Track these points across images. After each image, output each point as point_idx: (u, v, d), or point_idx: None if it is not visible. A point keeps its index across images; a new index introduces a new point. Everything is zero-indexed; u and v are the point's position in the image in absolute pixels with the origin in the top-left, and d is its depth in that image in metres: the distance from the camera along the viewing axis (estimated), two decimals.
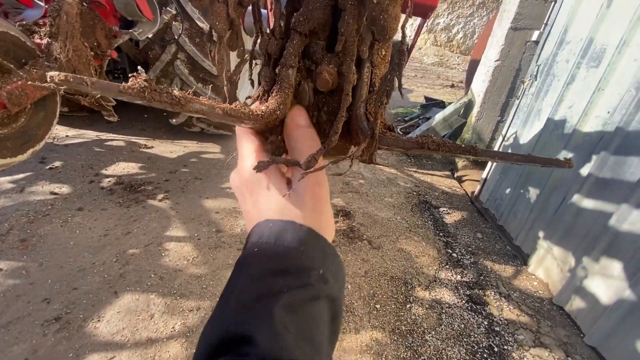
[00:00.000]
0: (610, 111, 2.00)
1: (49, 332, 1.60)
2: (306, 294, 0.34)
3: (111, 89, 0.26)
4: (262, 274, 0.34)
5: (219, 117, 0.32)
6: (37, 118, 1.77)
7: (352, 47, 0.35)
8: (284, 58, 0.37)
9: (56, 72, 0.24)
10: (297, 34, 0.37)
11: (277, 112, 0.36)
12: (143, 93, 0.27)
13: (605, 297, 1.86)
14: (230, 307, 0.33)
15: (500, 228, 2.90)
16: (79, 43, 1.51)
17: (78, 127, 3.70)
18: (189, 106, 0.30)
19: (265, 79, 0.39)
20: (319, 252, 0.37)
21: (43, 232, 2.17)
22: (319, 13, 0.35)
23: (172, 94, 0.29)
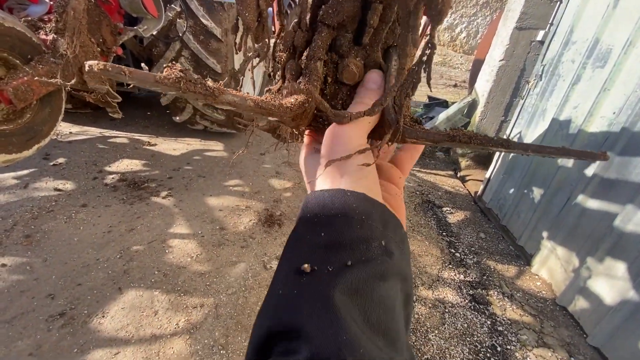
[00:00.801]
0: (616, 112, 1.99)
1: (53, 328, 1.60)
2: (370, 272, 0.28)
3: (147, 79, 0.26)
4: (310, 249, 0.29)
5: (250, 109, 0.32)
6: (42, 114, 1.77)
7: (381, 38, 0.35)
8: (312, 50, 0.37)
9: (95, 61, 0.24)
10: (325, 27, 0.37)
11: (306, 105, 0.36)
12: (178, 83, 0.27)
13: (609, 297, 1.86)
14: (275, 292, 0.28)
15: (504, 228, 2.89)
16: (86, 39, 1.52)
17: (81, 124, 3.71)
18: (222, 97, 0.30)
19: (291, 71, 0.39)
20: (377, 219, 0.31)
21: (47, 228, 2.17)
22: (349, 6, 0.35)
23: (207, 85, 0.29)
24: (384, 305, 0.28)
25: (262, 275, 2.07)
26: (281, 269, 0.30)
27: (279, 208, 2.78)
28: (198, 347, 1.61)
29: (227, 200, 2.77)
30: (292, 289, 0.27)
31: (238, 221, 2.54)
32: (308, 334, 0.24)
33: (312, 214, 0.31)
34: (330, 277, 0.27)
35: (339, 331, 0.24)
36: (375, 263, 0.28)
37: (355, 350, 0.23)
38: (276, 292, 0.28)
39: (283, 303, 0.27)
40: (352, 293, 0.26)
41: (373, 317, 0.26)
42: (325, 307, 0.25)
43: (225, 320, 1.76)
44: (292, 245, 0.30)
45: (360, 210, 0.30)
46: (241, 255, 2.21)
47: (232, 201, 2.76)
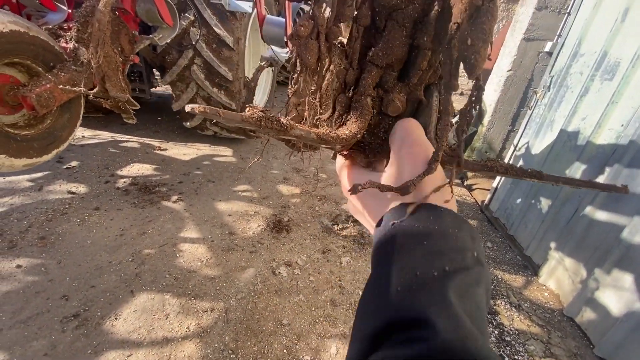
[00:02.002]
0: (624, 124, 2.01)
1: (67, 329, 1.63)
2: (470, 278, 0.31)
3: (235, 118, 0.30)
4: (418, 256, 0.32)
5: (313, 141, 0.36)
6: (62, 120, 1.83)
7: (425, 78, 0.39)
8: (362, 87, 0.41)
9: (196, 104, 0.28)
10: (374, 67, 0.41)
11: (358, 136, 0.39)
12: (260, 122, 0.31)
13: (616, 309, 1.86)
14: (391, 292, 0.31)
15: (511, 238, 2.90)
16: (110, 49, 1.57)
17: (94, 128, 3.78)
18: (292, 132, 0.33)
19: (342, 104, 0.43)
20: (466, 233, 0.34)
21: (61, 231, 2.22)
22: (399, 49, 0.39)
23: (281, 122, 0.32)
24: (480, 308, 0.31)
25: (271, 281, 2.10)
26: (390, 272, 0.32)
27: (287, 214, 2.81)
28: (208, 350, 1.63)
29: (236, 205, 2.81)
30: (408, 289, 0.30)
31: (247, 226, 2.57)
32: (435, 324, 0.27)
33: (410, 224, 0.34)
34: (440, 280, 0.30)
35: (460, 324, 0.27)
36: (473, 271, 0.32)
37: (476, 340, 0.27)
38: (392, 291, 0.31)
39: (403, 300, 0.30)
40: (460, 295, 0.30)
41: (475, 317, 0.30)
42: (445, 303, 0.29)
43: (235, 324, 1.78)
44: (396, 252, 0.33)
45: (452, 225, 0.34)
46: (250, 261, 2.23)
47: (241, 206, 2.80)
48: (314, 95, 0.44)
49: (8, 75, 1.65)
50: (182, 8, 2.95)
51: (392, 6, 0.39)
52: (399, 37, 0.39)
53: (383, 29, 0.41)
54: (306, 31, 0.39)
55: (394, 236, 0.34)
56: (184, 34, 3.03)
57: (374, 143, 0.43)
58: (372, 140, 0.43)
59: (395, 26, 0.40)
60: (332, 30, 0.40)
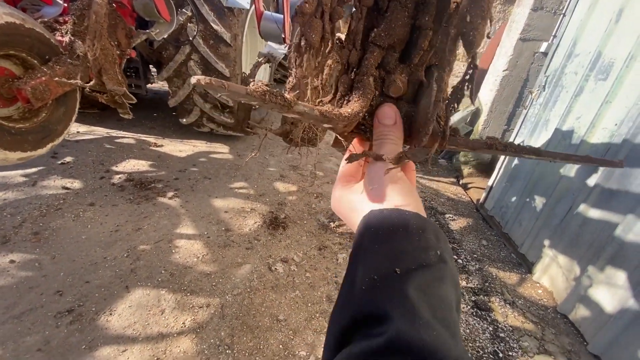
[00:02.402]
0: (618, 123, 2.03)
1: (61, 324, 1.62)
2: (432, 274, 0.34)
3: (239, 91, 0.30)
4: (382, 256, 0.34)
5: (316, 118, 0.36)
6: (57, 113, 1.81)
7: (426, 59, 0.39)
8: (365, 67, 0.41)
9: (202, 76, 0.28)
10: (377, 47, 0.41)
11: (360, 115, 0.40)
12: (264, 96, 0.31)
13: (610, 306, 1.88)
14: (357, 289, 0.33)
15: (506, 236, 2.92)
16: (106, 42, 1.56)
17: (89, 123, 3.75)
18: (295, 108, 0.33)
19: (344, 85, 0.43)
20: (431, 233, 0.36)
21: (55, 226, 2.20)
22: (401, 30, 0.40)
23: (285, 98, 0.32)
24: (445, 303, 0.33)
25: (267, 277, 2.10)
26: (356, 272, 0.35)
27: (283, 211, 2.81)
28: (204, 346, 1.63)
29: (233, 202, 2.80)
30: (371, 287, 0.33)
31: (243, 223, 2.56)
32: (392, 318, 0.29)
33: (376, 228, 0.36)
34: (401, 277, 0.32)
35: (416, 317, 0.30)
36: (435, 268, 0.34)
37: (431, 332, 0.29)
38: (357, 290, 0.33)
39: (365, 297, 0.32)
40: (421, 291, 0.32)
41: (438, 311, 0.32)
42: (403, 298, 0.31)
43: (231, 320, 1.78)
44: (362, 254, 0.36)
45: (417, 226, 0.36)
46: (246, 257, 2.23)
47: (237, 203, 2.79)
48: (317, 76, 0.45)
49: (3, 67, 1.62)
50: (179, 3, 2.93)
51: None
52: (401, 17, 0.40)
53: (386, 9, 0.41)
54: (310, 8, 0.39)
55: (362, 239, 0.36)
56: (181, 30, 3.02)
57: None
58: (373, 122, 0.43)
59: (398, 7, 0.40)
60: (336, 10, 0.40)
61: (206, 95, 3.30)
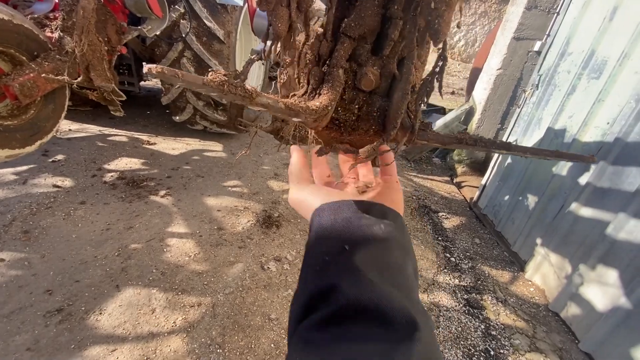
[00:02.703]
0: (610, 122, 2.04)
1: (50, 323, 1.60)
2: (378, 245, 0.36)
3: (196, 81, 0.29)
4: (329, 239, 0.37)
5: (281, 110, 0.35)
6: (46, 111, 1.79)
7: (398, 50, 0.38)
8: (334, 59, 0.40)
9: (153, 64, 0.27)
10: (347, 38, 0.40)
11: (329, 108, 0.39)
12: (222, 86, 0.30)
13: (601, 304, 1.89)
14: (311, 271, 0.37)
15: (498, 234, 2.93)
16: (94, 38, 1.54)
17: (81, 121, 3.71)
18: (257, 100, 0.32)
19: (315, 77, 0.42)
20: (376, 213, 0.39)
21: (45, 225, 2.17)
22: (370, 20, 0.38)
23: (246, 89, 0.31)
24: (393, 267, 0.37)
25: (260, 276, 2.09)
26: (311, 257, 0.39)
27: (277, 209, 2.80)
28: (195, 345, 1.62)
29: (226, 200, 2.78)
30: (323, 265, 0.36)
31: (236, 222, 2.55)
32: (340, 287, 0.33)
33: (324, 217, 0.40)
34: (349, 252, 0.36)
35: (362, 280, 0.33)
36: (379, 239, 0.37)
37: (375, 289, 0.32)
38: (311, 271, 0.37)
39: (319, 275, 0.36)
40: (368, 261, 0.35)
41: (386, 274, 0.35)
42: (351, 269, 0.34)
43: (223, 319, 1.77)
44: (314, 242, 0.39)
45: (361, 209, 0.40)
46: (239, 256, 2.22)
47: (230, 202, 2.78)
48: (291, 68, 0.44)
49: None
50: (171, 0, 2.90)
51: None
52: (370, 6, 0.39)
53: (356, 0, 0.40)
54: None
55: (313, 228, 0.40)
56: (173, 27, 2.99)
57: (349, 120, 0.43)
58: (347, 117, 0.42)
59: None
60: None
61: (199, 93, 3.27)
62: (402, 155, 4.51)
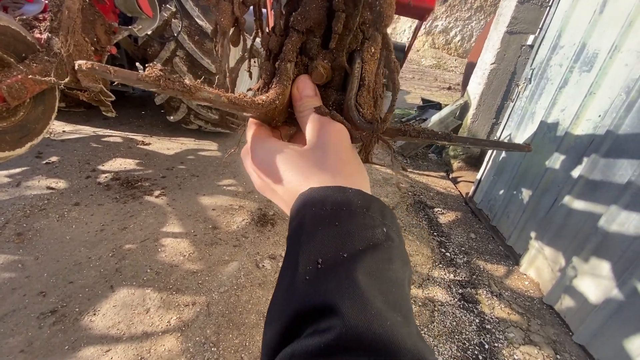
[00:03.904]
0: (601, 115, 2.04)
1: (44, 325, 1.60)
2: (380, 255, 0.31)
3: (130, 77, 0.28)
4: (325, 240, 0.30)
5: (224, 105, 0.34)
6: (35, 112, 1.78)
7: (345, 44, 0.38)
8: (283, 53, 0.40)
9: (84, 60, 0.27)
10: (295, 32, 0.40)
11: (276, 102, 0.38)
12: (158, 81, 0.29)
13: (594, 296, 1.90)
14: (300, 278, 0.29)
15: (494, 228, 2.94)
16: (80, 38, 1.53)
17: (75, 122, 3.70)
18: (198, 94, 0.32)
19: (266, 72, 0.42)
20: (376, 211, 0.33)
21: (39, 227, 2.17)
22: (315, 13, 0.38)
23: (184, 83, 0.31)
24: (396, 285, 0.31)
25: (255, 274, 2.09)
26: (298, 259, 0.31)
27: (272, 208, 2.80)
28: (189, 344, 1.62)
29: (221, 199, 2.78)
30: (316, 275, 0.29)
31: (231, 220, 2.55)
32: (341, 310, 0.26)
33: (317, 208, 0.32)
34: (349, 262, 0.29)
35: (367, 307, 0.26)
36: (382, 247, 0.31)
37: (384, 322, 0.26)
38: (300, 280, 0.29)
39: (311, 288, 0.29)
40: (371, 275, 0.29)
41: (389, 296, 0.29)
42: (353, 286, 0.27)
43: (217, 318, 1.77)
44: (305, 238, 0.32)
45: (360, 204, 0.33)
46: (234, 255, 2.22)
47: (225, 200, 2.78)
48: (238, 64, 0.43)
49: None
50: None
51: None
52: (315, 0, 0.39)
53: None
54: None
55: (303, 221, 0.32)
56: (165, 26, 2.97)
57: None
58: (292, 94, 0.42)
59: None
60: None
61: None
62: (398, 151, 4.51)
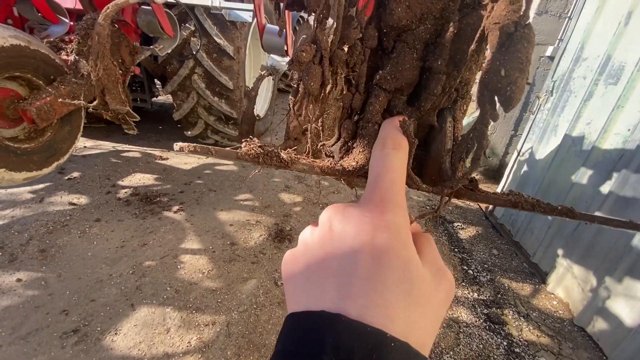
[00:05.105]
0: (631, 129, 1.97)
1: (67, 345, 1.60)
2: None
3: (231, 155, 0.28)
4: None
5: (317, 173, 0.34)
6: (62, 132, 1.82)
7: (439, 103, 0.37)
8: (369, 114, 0.38)
9: (185, 143, 0.26)
10: (382, 91, 0.38)
11: (365, 168, 0.37)
12: (258, 159, 0.29)
13: (629, 319, 1.81)
14: None
15: (517, 244, 2.85)
16: (109, 62, 1.57)
17: (95, 138, 3.79)
18: (294, 166, 0.31)
19: (348, 131, 0.41)
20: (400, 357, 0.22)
21: (62, 243, 2.20)
22: (409, 73, 0.37)
23: (281, 158, 0.30)
24: None
25: (273, 292, 2.06)
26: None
27: (289, 223, 2.78)
28: None
29: (238, 214, 2.78)
30: None
31: (248, 236, 2.54)
32: None
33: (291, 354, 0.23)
34: None
35: None
36: None
37: None
38: None
39: None
40: None
41: None
42: None
43: (237, 338, 1.74)
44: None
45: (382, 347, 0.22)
46: (252, 272, 2.20)
47: (242, 216, 2.77)
48: (317, 121, 0.42)
49: (9, 89, 1.65)
50: (182, 19, 2.96)
51: (402, 27, 0.37)
52: (409, 60, 0.37)
53: (391, 50, 0.38)
54: (308, 57, 0.36)
55: None
56: (184, 44, 3.04)
57: None
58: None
59: (405, 48, 0.37)
60: (336, 54, 0.38)
61: (210, 108, 3.31)
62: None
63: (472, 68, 0.34)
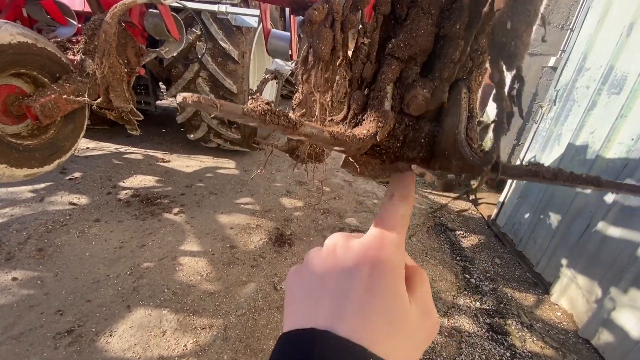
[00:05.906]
0: (635, 138, 1.97)
1: (60, 346, 1.57)
2: None
3: (236, 111, 0.26)
4: None
5: (326, 140, 0.32)
6: (65, 130, 1.82)
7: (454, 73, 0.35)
8: (381, 82, 0.37)
9: (188, 93, 0.25)
10: (394, 60, 0.37)
11: (376, 136, 0.36)
12: (264, 116, 0.27)
13: (636, 330, 1.77)
14: None
15: (519, 254, 2.82)
16: (115, 60, 1.58)
17: (98, 139, 3.79)
18: (302, 129, 0.30)
19: (357, 102, 0.39)
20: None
21: (60, 242, 2.18)
22: (423, 40, 0.36)
23: (289, 117, 0.29)
24: None
25: (272, 297, 2.03)
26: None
27: (289, 227, 2.76)
28: None
29: (238, 218, 2.76)
30: None
31: (248, 240, 2.52)
32: None
33: None
34: None
35: None
36: None
37: None
38: None
39: None
40: None
41: None
42: None
43: (234, 342, 1.71)
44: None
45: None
46: (251, 275, 2.17)
47: (243, 219, 2.75)
48: (326, 92, 0.41)
49: (14, 85, 1.65)
50: (188, 22, 2.99)
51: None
52: (423, 25, 0.36)
53: (405, 17, 0.37)
54: (320, 16, 0.35)
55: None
56: (190, 48, 3.07)
57: (393, 146, 0.39)
58: (390, 143, 0.39)
59: (420, 13, 0.36)
60: (348, 18, 0.37)
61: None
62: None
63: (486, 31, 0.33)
